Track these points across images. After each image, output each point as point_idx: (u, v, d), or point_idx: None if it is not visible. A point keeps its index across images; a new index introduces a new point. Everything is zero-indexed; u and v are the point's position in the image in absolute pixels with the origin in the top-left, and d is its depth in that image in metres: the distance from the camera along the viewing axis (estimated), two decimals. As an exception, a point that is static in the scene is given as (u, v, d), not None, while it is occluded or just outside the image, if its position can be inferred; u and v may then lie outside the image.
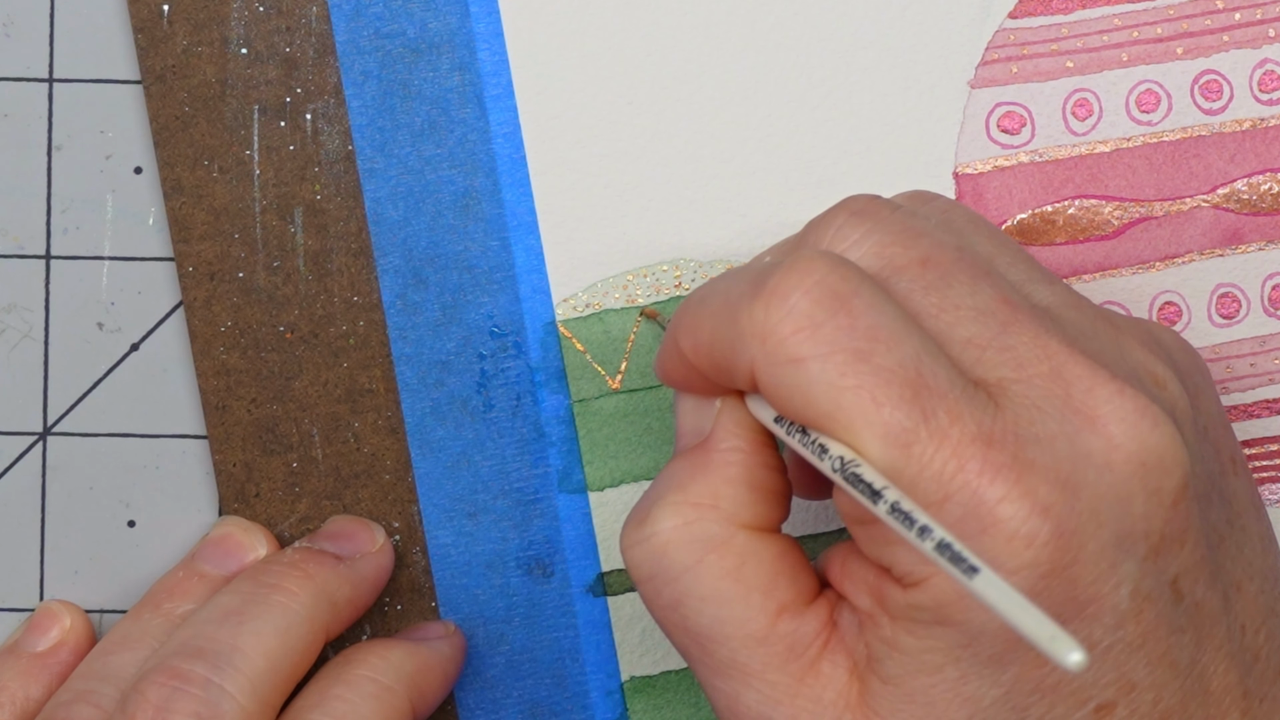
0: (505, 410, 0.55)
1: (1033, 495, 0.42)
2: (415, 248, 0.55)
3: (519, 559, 0.55)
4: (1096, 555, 0.43)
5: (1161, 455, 0.44)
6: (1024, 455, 0.43)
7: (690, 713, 0.55)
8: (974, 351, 0.44)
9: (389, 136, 0.55)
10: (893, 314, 0.44)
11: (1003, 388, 0.44)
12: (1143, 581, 0.44)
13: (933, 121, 0.55)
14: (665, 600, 0.47)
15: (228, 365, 0.55)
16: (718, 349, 0.46)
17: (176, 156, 0.55)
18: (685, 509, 0.46)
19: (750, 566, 0.46)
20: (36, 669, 0.53)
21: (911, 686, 0.44)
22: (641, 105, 0.55)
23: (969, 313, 0.45)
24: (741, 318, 0.45)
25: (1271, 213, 0.56)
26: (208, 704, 0.48)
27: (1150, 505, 0.44)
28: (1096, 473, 0.43)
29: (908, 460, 0.43)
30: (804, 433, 0.44)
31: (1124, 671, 0.44)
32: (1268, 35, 0.56)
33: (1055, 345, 0.44)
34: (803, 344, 0.44)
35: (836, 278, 0.44)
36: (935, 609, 0.43)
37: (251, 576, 0.52)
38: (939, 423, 0.43)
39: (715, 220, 0.55)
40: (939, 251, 0.46)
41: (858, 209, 0.47)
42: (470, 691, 0.55)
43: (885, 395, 0.43)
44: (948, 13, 0.55)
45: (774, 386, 0.44)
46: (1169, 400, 0.46)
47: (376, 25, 0.55)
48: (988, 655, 0.43)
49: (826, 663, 0.45)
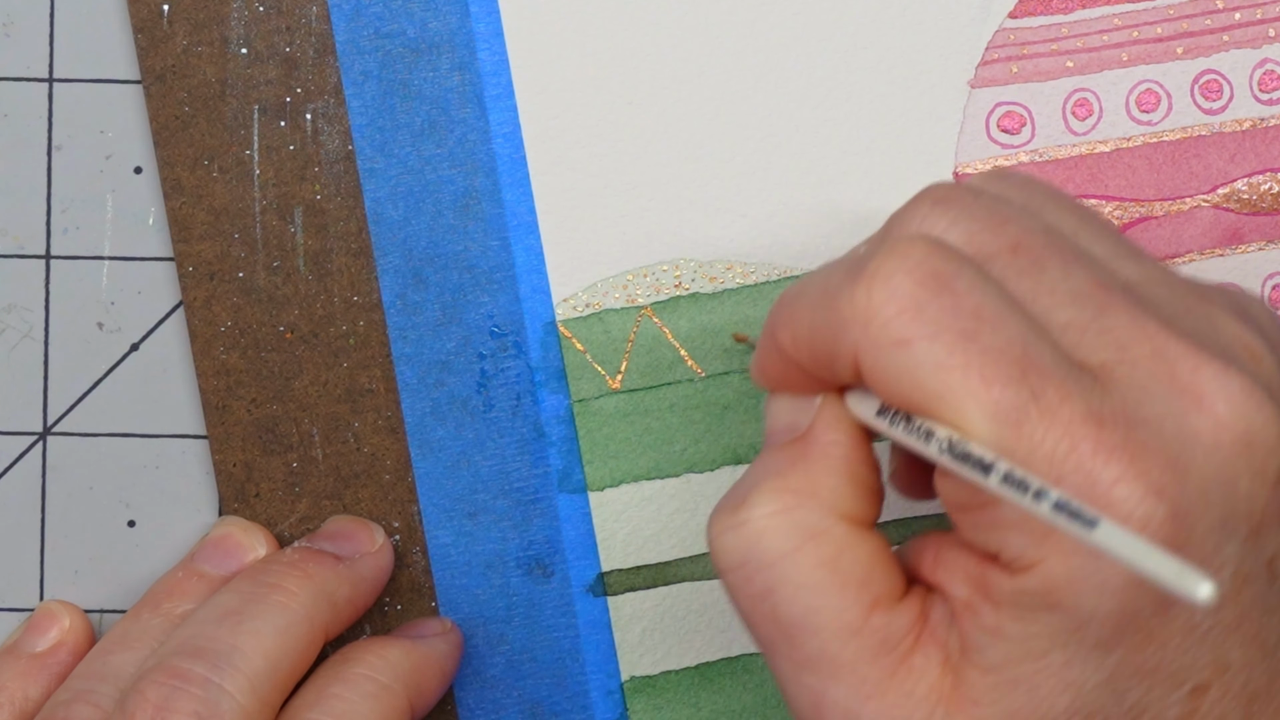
0: (505, 410, 0.55)
1: (1147, 477, 0.42)
2: (415, 248, 0.55)
3: (519, 559, 0.55)
4: (1204, 537, 0.43)
5: (1265, 435, 0.43)
6: (1135, 436, 0.42)
7: (690, 713, 0.55)
8: (1074, 335, 0.44)
9: (389, 136, 0.55)
10: (995, 294, 0.44)
11: (1107, 370, 0.43)
12: (1243, 563, 0.43)
13: (933, 121, 0.55)
14: (755, 589, 0.46)
15: (228, 365, 0.55)
16: (818, 339, 0.45)
17: (176, 156, 0.55)
18: (785, 495, 0.46)
19: (847, 558, 0.45)
20: (36, 669, 0.53)
21: (1015, 673, 0.44)
22: (641, 105, 0.55)
23: (1065, 297, 0.44)
24: (842, 304, 0.44)
25: (1271, 213, 0.56)
26: (207, 703, 0.48)
27: (1254, 486, 0.43)
28: (1205, 453, 0.43)
29: (1019, 439, 0.42)
30: (908, 420, 0.44)
31: (1220, 653, 0.44)
32: (1268, 35, 0.56)
33: (1154, 326, 0.44)
34: (908, 325, 0.43)
35: (938, 258, 0.44)
36: (1045, 593, 0.43)
37: (251, 576, 0.52)
38: (1048, 401, 0.42)
39: (715, 220, 0.55)
40: (1028, 236, 0.45)
41: (940, 197, 0.47)
42: (470, 691, 0.55)
43: (994, 374, 0.42)
44: (948, 13, 0.55)
45: (879, 370, 0.44)
46: (1266, 375, 0.45)
47: (376, 25, 0.55)
48: (1095, 640, 0.43)
49: (919, 656, 0.45)
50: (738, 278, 0.55)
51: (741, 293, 0.55)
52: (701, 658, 0.56)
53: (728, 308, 0.55)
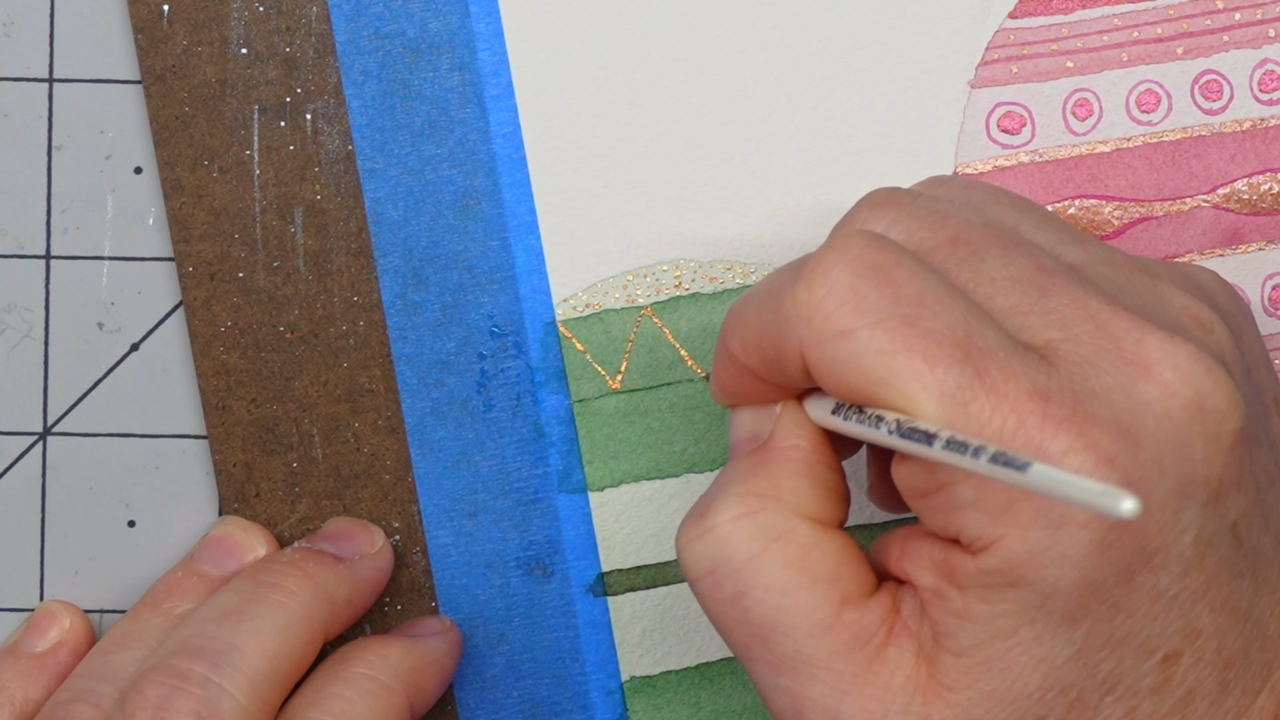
0: (505, 410, 0.55)
1: (1096, 447, 0.42)
2: (415, 248, 0.55)
3: (519, 559, 0.55)
4: (1161, 504, 0.43)
5: (1217, 400, 0.44)
6: (1083, 408, 0.43)
7: (690, 713, 0.55)
8: (1017, 318, 0.45)
9: (389, 136, 0.55)
10: (936, 281, 0.44)
11: (1052, 348, 0.44)
12: (1205, 528, 0.44)
13: (933, 121, 0.55)
14: (726, 594, 0.46)
15: (228, 365, 0.55)
16: (766, 341, 0.46)
17: (176, 156, 0.55)
18: (748, 499, 0.46)
19: (814, 557, 0.46)
20: (36, 669, 0.53)
21: (986, 654, 0.44)
22: (641, 105, 0.55)
23: (1005, 283, 0.45)
24: (785, 302, 0.45)
25: (1271, 213, 0.56)
26: (206, 703, 0.48)
27: (1209, 450, 0.44)
28: (1156, 421, 0.43)
29: (966, 418, 0.43)
30: (860, 411, 0.44)
31: (1189, 619, 0.44)
32: (1268, 35, 0.56)
33: (1096, 303, 0.44)
34: (849, 316, 0.44)
35: (875, 249, 0.44)
36: (1007, 570, 0.43)
37: (250, 576, 0.52)
38: (993, 380, 0.43)
39: (715, 220, 0.55)
40: (966, 229, 0.46)
41: (878, 201, 0.48)
42: (470, 691, 0.55)
43: (937, 355, 0.43)
44: (948, 13, 0.55)
45: (824, 363, 0.44)
46: (1216, 344, 0.46)
47: (376, 25, 0.55)
48: (1061, 613, 0.43)
49: (893, 649, 0.45)
50: (738, 278, 0.55)
51: (741, 293, 0.55)
52: (701, 658, 0.56)
53: (728, 308, 0.55)
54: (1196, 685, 0.44)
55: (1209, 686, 0.45)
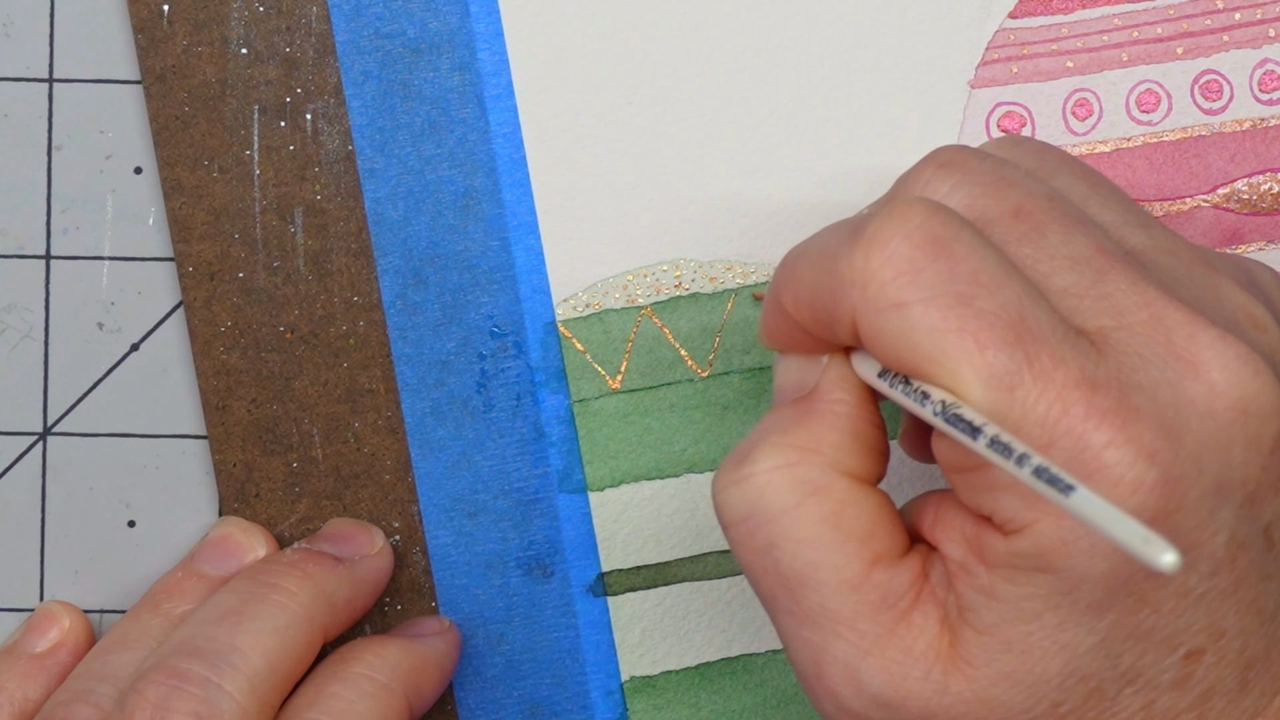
0: (505, 410, 0.55)
1: (1138, 441, 0.42)
2: (415, 248, 0.55)
3: (519, 559, 0.55)
4: (1197, 502, 0.43)
5: (1262, 404, 0.43)
6: (1128, 401, 0.42)
7: (690, 713, 0.55)
8: (1071, 300, 0.44)
9: (389, 136, 0.55)
10: (993, 259, 0.44)
11: (1103, 335, 0.44)
12: (1238, 529, 0.44)
13: (933, 121, 0.55)
14: (758, 543, 0.46)
15: (228, 365, 0.55)
16: (819, 300, 0.45)
17: (176, 156, 0.55)
18: (789, 450, 0.46)
19: (849, 514, 0.45)
20: (35, 670, 0.53)
21: (1008, 635, 0.44)
22: (641, 105, 0.55)
23: (1064, 262, 0.45)
24: (841, 266, 0.44)
25: (1271, 213, 0.56)
26: (206, 703, 0.48)
27: (1249, 453, 0.43)
28: (1199, 420, 0.43)
29: (1011, 403, 0.42)
30: (907, 382, 0.44)
31: (1215, 618, 0.44)
32: (1268, 35, 0.56)
33: (1153, 293, 0.44)
34: (904, 289, 0.43)
35: (936, 222, 0.44)
36: (1037, 555, 0.43)
37: (250, 576, 0.52)
38: (1042, 366, 0.43)
39: (715, 220, 0.55)
40: (1031, 201, 0.46)
41: (945, 160, 0.47)
42: (470, 691, 0.55)
43: (988, 338, 0.43)
44: (948, 13, 0.55)
45: (876, 333, 0.44)
46: (1268, 344, 0.46)
47: (376, 25, 0.55)
48: (1087, 602, 0.43)
49: (918, 614, 0.45)
50: (738, 278, 0.55)
51: (741, 293, 0.55)
52: (701, 658, 0.56)
53: (728, 308, 0.55)
54: (1217, 683, 0.44)
55: (1229, 685, 0.45)
